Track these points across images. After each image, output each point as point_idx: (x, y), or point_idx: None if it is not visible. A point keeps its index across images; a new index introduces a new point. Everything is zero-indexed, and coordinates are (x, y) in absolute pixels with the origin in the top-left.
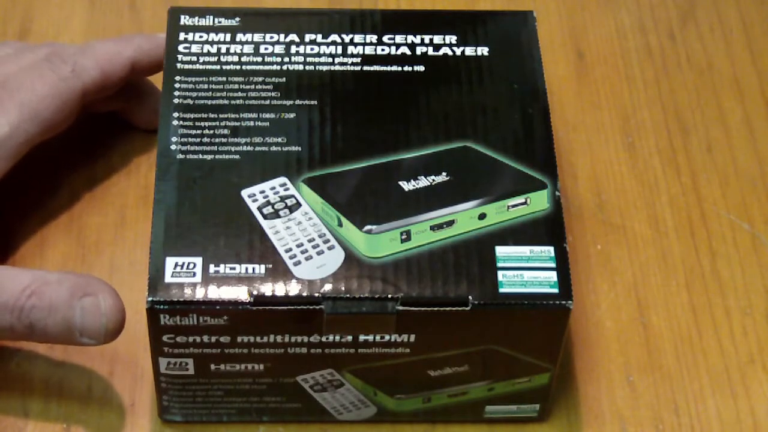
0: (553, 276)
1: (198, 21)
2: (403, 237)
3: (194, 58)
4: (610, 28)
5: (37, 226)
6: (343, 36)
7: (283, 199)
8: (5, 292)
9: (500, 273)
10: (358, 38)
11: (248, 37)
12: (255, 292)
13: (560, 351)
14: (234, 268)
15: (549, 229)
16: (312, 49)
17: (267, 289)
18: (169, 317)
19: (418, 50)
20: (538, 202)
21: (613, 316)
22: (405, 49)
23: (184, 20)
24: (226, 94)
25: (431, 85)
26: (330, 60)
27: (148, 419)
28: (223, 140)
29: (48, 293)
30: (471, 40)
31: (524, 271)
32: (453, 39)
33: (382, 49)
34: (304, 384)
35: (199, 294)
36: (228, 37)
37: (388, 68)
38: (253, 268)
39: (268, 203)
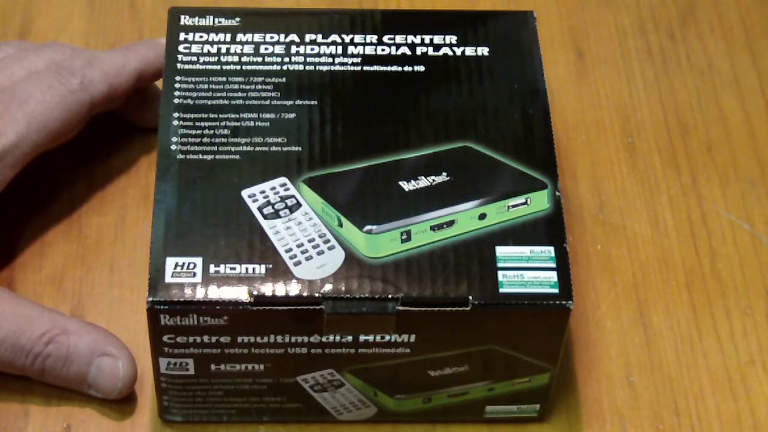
0: (553, 276)
1: (198, 21)
2: (404, 237)
3: (194, 58)
4: (610, 28)
5: (38, 226)
6: (343, 36)
7: (283, 199)
8: (23, 336)
9: (500, 273)
10: (358, 38)
11: (248, 37)
12: (255, 293)
13: (560, 351)
14: (234, 268)
15: (549, 229)
16: (312, 49)
17: (267, 289)
18: (169, 317)
19: (418, 50)
20: (539, 202)
21: (613, 316)
22: (405, 49)
23: (184, 20)
24: (226, 94)
25: (431, 85)
26: (330, 60)
27: (148, 419)
28: (224, 140)
29: (66, 344)
30: (471, 40)
31: (524, 271)
32: (453, 39)
33: (382, 49)
34: (304, 384)
35: (200, 294)
36: (228, 37)
37: (388, 68)
38: (254, 268)
39: (268, 203)
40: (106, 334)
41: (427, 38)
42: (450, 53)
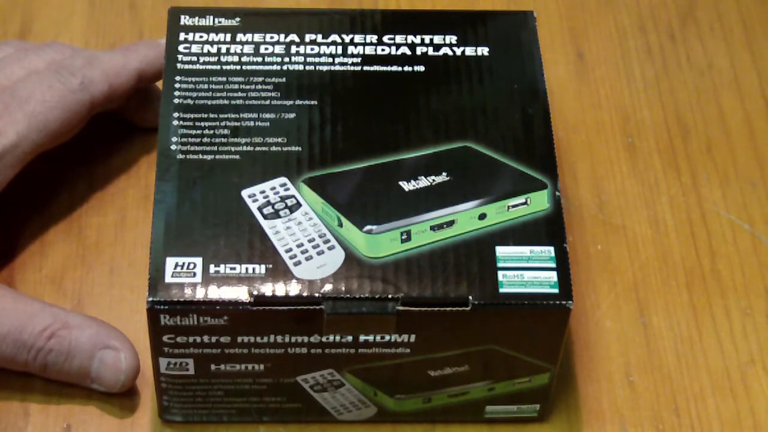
0: (553, 276)
1: (198, 21)
2: (404, 237)
3: (194, 58)
4: (610, 28)
5: (38, 226)
6: (343, 36)
7: (283, 199)
8: (25, 331)
9: (500, 273)
10: (358, 38)
11: (248, 37)
12: (255, 293)
13: (560, 351)
14: (234, 268)
15: (549, 229)
16: (312, 49)
17: (267, 289)
18: (169, 317)
19: (418, 50)
20: (539, 202)
21: (613, 316)
22: (405, 49)
23: (185, 20)
24: (226, 94)
25: (431, 85)
26: (330, 60)
27: (148, 419)
28: (224, 140)
29: (68, 338)
30: (471, 40)
31: (524, 271)
32: (453, 39)
33: (382, 49)
34: (304, 384)
35: (200, 294)
36: (228, 37)
37: (388, 68)
38: (254, 268)
39: (268, 203)
40: (107, 327)
41: (427, 38)
42: (450, 53)
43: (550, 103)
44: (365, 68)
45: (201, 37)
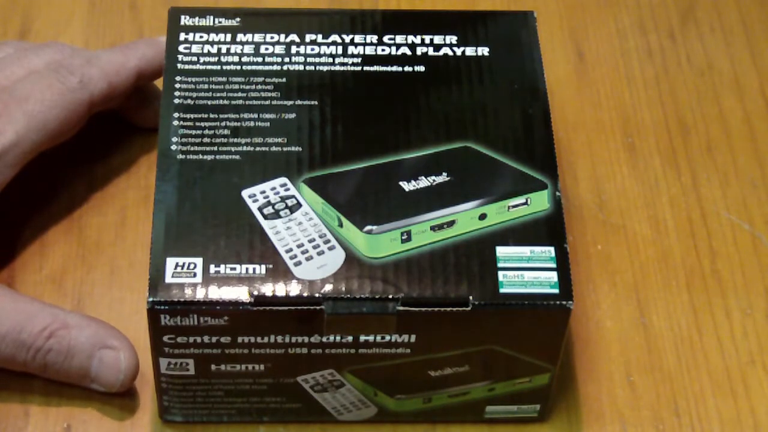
0: (553, 276)
1: (198, 21)
2: (404, 237)
3: (195, 59)
4: (610, 28)
5: (38, 226)
6: (344, 36)
7: (283, 199)
8: (24, 331)
9: (501, 273)
10: (358, 38)
11: (248, 37)
12: (255, 293)
13: (560, 351)
14: (234, 269)
15: (549, 229)
16: (312, 49)
17: (267, 289)
18: (169, 318)
19: (419, 50)
20: (539, 202)
21: (613, 316)
22: (405, 50)
23: (185, 20)
24: (226, 95)
25: (431, 85)
26: (330, 60)
27: (149, 419)
28: (224, 140)
29: (67, 338)
30: (471, 40)
31: (525, 272)
32: (453, 39)
33: (383, 50)
34: (304, 384)
35: (200, 294)
36: (228, 37)
37: (389, 68)
38: (254, 269)
39: (268, 203)
40: (106, 326)
41: (427, 38)
42: (450, 53)
43: (550, 103)
44: (365, 68)
45: (201, 37)
